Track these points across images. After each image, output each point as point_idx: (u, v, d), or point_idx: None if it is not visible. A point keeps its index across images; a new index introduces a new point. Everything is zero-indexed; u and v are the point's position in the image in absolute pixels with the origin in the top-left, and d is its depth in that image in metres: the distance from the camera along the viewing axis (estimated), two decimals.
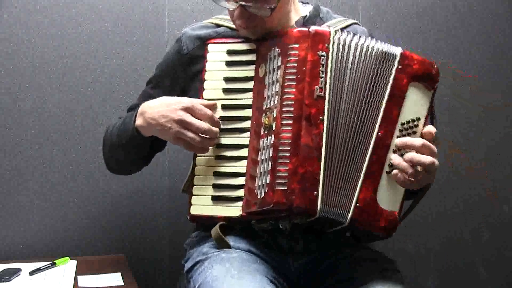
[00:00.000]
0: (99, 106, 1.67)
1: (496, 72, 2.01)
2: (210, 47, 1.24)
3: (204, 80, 1.22)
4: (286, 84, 1.10)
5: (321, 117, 1.09)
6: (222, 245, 1.18)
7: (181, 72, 1.32)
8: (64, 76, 1.65)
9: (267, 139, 1.12)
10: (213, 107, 1.19)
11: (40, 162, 1.64)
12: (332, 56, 1.11)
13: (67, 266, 1.49)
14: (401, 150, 1.12)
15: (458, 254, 2.01)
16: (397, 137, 1.13)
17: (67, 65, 1.64)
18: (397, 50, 1.14)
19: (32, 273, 1.42)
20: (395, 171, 1.10)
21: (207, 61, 1.23)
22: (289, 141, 1.07)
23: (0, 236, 1.62)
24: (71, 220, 1.67)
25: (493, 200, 2.03)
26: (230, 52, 1.22)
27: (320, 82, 1.09)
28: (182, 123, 1.14)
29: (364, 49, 1.14)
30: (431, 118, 1.18)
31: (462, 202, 2.00)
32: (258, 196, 1.10)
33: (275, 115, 1.10)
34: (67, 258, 1.53)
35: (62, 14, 1.63)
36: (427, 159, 1.09)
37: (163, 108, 1.17)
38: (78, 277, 1.42)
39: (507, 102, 2.01)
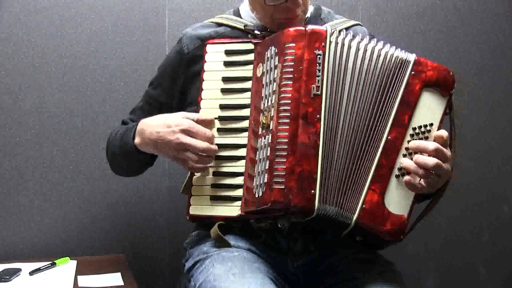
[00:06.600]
0: (99, 106, 1.67)
1: (496, 72, 2.01)
2: (209, 47, 1.24)
3: (203, 80, 1.22)
4: (283, 83, 1.10)
5: (318, 115, 1.09)
6: (222, 244, 1.18)
7: (182, 72, 1.32)
8: (64, 76, 1.65)
9: (264, 138, 1.12)
10: (210, 123, 1.19)
11: (40, 162, 1.64)
12: (329, 55, 1.11)
13: (67, 266, 1.49)
14: (412, 154, 1.11)
15: (458, 254, 2.01)
16: (408, 141, 1.12)
17: (67, 65, 1.64)
18: (411, 56, 1.14)
19: (32, 273, 1.42)
20: (406, 176, 1.10)
21: (205, 61, 1.23)
22: (286, 140, 1.07)
23: (0, 236, 1.62)
24: (71, 220, 1.66)
25: (493, 200, 2.03)
26: (228, 52, 1.22)
27: (317, 80, 1.09)
28: (180, 146, 1.14)
29: (375, 52, 1.13)
30: (450, 126, 1.16)
31: (462, 202, 2.00)
32: (256, 196, 1.10)
33: (272, 114, 1.10)
34: (67, 258, 1.53)
35: (62, 14, 1.63)
36: (431, 160, 1.08)
37: (161, 129, 1.16)
38: (78, 277, 1.42)
39: (507, 102, 2.01)
